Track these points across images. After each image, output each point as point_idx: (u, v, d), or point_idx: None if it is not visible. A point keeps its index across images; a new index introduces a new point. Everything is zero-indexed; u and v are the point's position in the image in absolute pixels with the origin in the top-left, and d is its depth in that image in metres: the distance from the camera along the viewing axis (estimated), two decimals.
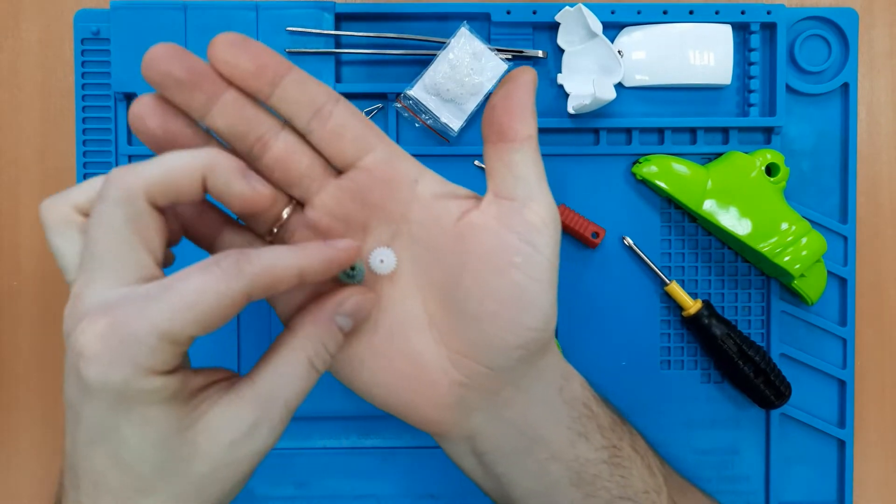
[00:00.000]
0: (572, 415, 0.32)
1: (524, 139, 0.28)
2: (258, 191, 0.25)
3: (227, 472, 0.25)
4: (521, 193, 0.28)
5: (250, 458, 0.26)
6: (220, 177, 0.25)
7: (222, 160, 0.25)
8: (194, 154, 0.25)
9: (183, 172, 0.24)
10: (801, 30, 0.49)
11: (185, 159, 0.25)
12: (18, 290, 0.50)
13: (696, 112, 0.49)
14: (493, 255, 0.28)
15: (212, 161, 0.25)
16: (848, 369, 0.50)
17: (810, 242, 0.46)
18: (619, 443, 0.33)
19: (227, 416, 0.25)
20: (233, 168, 0.25)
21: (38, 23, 0.50)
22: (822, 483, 0.50)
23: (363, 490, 0.49)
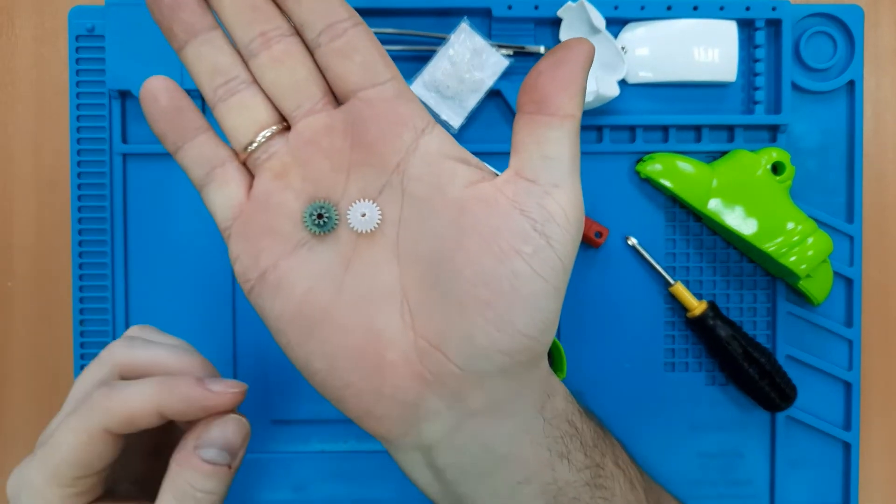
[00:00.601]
0: (553, 434, 0.27)
1: (566, 116, 0.24)
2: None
3: None
4: (548, 177, 0.24)
5: None
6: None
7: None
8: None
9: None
10: (806, 26, 0.49)
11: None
12: (12, 290, 0.50)
13: (700, 109, 0.49)
14: (498, 238, 0.24)
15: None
16: (854, 371, 0.49)
17: (816, 242, 0.45)
18: (602, 460, 0.29)
19: None
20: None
21: (32, 19, 0.50)
22: (828, 486, 0.50)
23: (361, 494, 0.49)
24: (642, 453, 0.49)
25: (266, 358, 0.48)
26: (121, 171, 0.48)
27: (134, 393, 0.25)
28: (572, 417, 0.28)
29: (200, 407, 0.26)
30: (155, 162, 0.48)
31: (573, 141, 0.24)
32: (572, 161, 0.24)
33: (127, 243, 0.48)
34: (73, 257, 0.48)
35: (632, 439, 0.49)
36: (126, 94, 0.48)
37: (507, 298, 0.24)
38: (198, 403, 0.26)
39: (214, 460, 0.26)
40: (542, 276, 0.24)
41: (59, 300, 0.49)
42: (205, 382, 0.26)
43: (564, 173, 0.24)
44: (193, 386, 0.26)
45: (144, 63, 0.46)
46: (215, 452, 0.26)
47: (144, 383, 0.26)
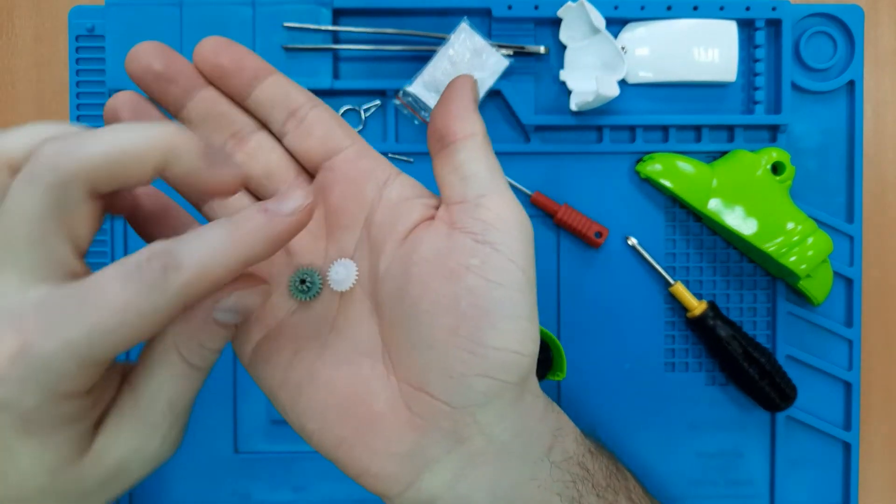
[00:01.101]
0: (563, 479, 0.26)
1: (466, 137, 0.25)
2: (222, 178, 0.22)
3: (117, 483, 0.23)
4: (472, 192, 0.24)
5: (143, 467, 0.23)
6: (184, 163, 0.21)
7: (184, 142, 0.21)
8: (151, 132, 0.21)
9: (136, 157, 0.20)
10: (806, 26, 0.49)
11: (140, 140, 0.20)
12: None
13: (700, 109, 0.49)
14: (444, 259, 0.24)
15: (173, 143, 0.21)
16: (854, 371, 0.49)
17: (816, 242, 0.45)
18: (616, 498, 0.28)
19: (113, 442, 0.22)
20: (196, 151, 0.21)
21: (32, 19, 0.50)
22: (828, 486, 0.50)
23: (361, 494, 0.48)
24: (642, 453, 0.49)
25: None
26: None
27: (205, 248, 0.20)
28: (583, 459, 0.27)
29: (280, 238, 0.21)
30: None
31: (484, 154, 0.25)
32: (490, 171, 0.25)
33: (127, 243, 0.48)
34: None
35: (631, 439, 0.49)
36: None
37: (470, 318, 0.23)
38: (276, 234, 0.21)
39: (225, 321, 0.23)
40: (498, 283, 0.23)
41: None
42: (269, 209, 0.21)
43: (486, 184, 0.25)
44: (262, 218, 0.21)
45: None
46: (226, 314, 0.23)
47: (213, 232, 0.21)
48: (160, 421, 0.23)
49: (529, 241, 0.25)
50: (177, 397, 0.23)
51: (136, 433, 0.23)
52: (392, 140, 0.48)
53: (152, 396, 0.23)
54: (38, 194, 0.20)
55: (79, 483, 0.22)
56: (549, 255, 0.49)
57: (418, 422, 0.24)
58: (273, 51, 0.47)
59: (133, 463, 0.23)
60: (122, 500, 0.48)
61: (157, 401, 0.23)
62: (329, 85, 0.47)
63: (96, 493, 0.23)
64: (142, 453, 0.23)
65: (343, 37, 0.48)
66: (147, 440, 0.23)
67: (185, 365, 0.23)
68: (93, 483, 0.22)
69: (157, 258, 0.20)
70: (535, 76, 0.49)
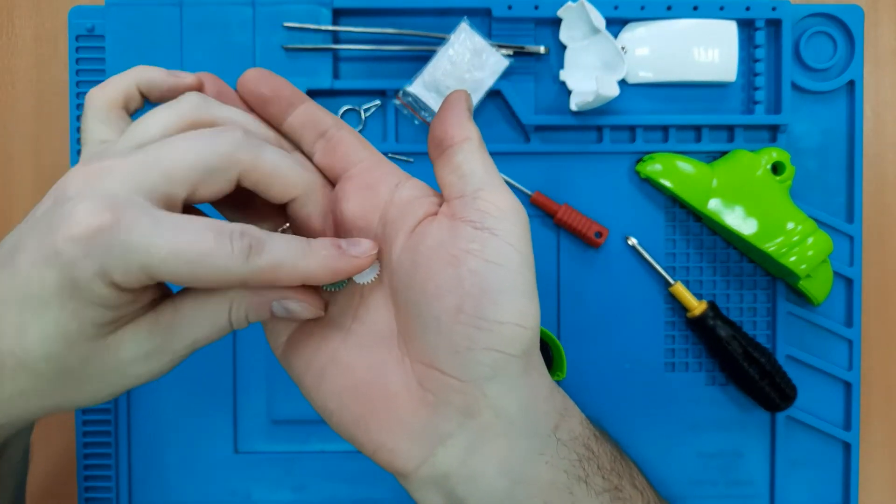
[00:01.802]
0: (570, 457, 0.28)
1: (463, 139, 0.28)
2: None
3: (112, 383, 0.25)
4: (470, 187, 0.27)
5: (141, 377, 0.26)
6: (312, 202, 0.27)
7: (319, 187, 0.27)
8: (310, 177, 0.27)
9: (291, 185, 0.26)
10: (806, 27, 0.49)
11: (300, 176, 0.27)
12: None
13: (700, 109, 0.49)
14: (446, 247, 0.26)
15: (314, 186, 0.28)
16: (854, 371, 0.49)
17: (816, 242, 0.45)
18: (620, 482, 0.30)
19: (131, 341, 0.25)
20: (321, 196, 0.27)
21: (32, 19, 0.50)
22: (828, 486, 0.50)
23: (361, 494, 0.49)
24: (642, 453, 0.49)
25: (266, 358, 0.48)
26: None
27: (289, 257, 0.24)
28: (588, 441, 0.29)
29: (340, 272, 0.25)
30: None
31: (479, 154, 0.28)
32: (486, 169, 0.28)
33: None
34: None
35: (632, 439, 0.49)
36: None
37: (473, 296, 0.25)
38: (351, 271, 0.26)
39: (275, 311, 0.26)
40: (497, 263, 0.26)
41: None
42: (342, 247, 0.26)
43: (483, 179, 0.27)
44: (334, 252, 0.25)
45: (144, 63, 0.46)
46: (281, 308, 0.26)
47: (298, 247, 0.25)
48: (178, 347, 0.26)
49: (525, 226, 0.27)
50: (202, 337, 0.26)
51: (153, 346, 0.25)
52: (392, 140, 0.48)
53: (187, 327, 0.25)
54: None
55: (84, 363, 0.24)
56: (549, 255, 0.49)
57: (430, 398, 0.26)
58: (273, 51, 0.47)
59: (137, 369, 0.25)
60: (122, 499, 0.48)
61: (186, 333, 0.25)
62: (329, 85, 0.47)
63: (93, 381, 0.25)
64: (148, 363, 0.25)
65: (343, 37, 0.48)
66: (158, 355, 0.25)
67: (227, 317, 0.26)
68: (95, 370, 0.25)
69: (249, 237, 0.23)
70: (535, 76, 0.49)
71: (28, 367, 0.24)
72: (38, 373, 0.24)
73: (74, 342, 0.23)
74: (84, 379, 0.25)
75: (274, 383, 0.48)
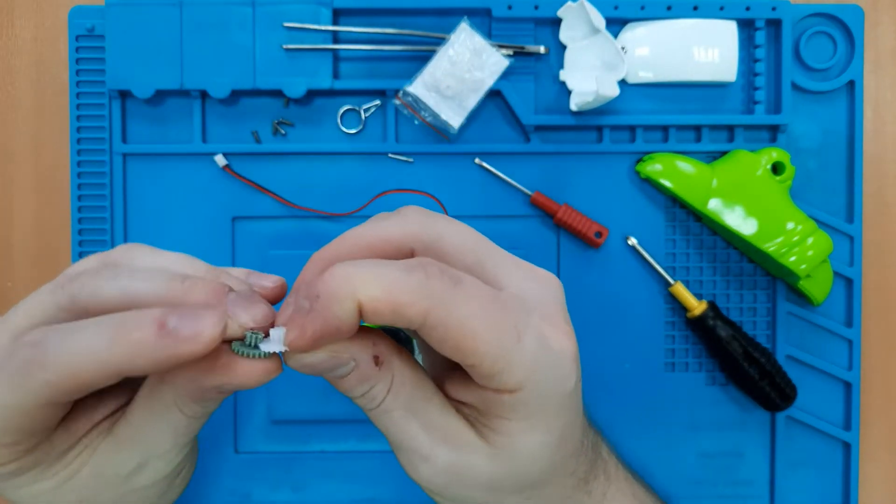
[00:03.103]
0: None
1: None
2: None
3: (134, 499, 0.25)
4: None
5: (153, 484, 0.25)
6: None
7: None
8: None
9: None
10: (806, 26, 0.49)
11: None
12: (12, 291, 0.50)
13: (700, 109, 0.49)
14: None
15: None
16: (854, 371, 0.49)
17: (816, 242, 0.45)
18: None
19: (110, 462, 0.24)
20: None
21: (32, 19, 0.50)
22: (828, 486, 0.50)
23: (361, 494, 0.49)
24: (642, 453, 0.49)
25: None
26: (121, 171, 0.48)
27: (81, 351, 0.19)
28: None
29: (169, 362, 0.19)
30: (155, 162, 0.48)
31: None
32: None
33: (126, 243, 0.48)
34: (73, 257, 0.48)
35: (632, 439, 0.49)
36: (126, 94, 0.47)
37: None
38: (164, 358, 0.19)
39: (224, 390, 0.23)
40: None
41: None
42: (166, 326, 0.19)
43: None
44: (152, 335, 0.19)
45: (144, 63, 0.46)
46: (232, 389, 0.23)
47: (91, 333, 0.19)
48: (160, 449, 0.24)
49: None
50: (179, 433, 0.24)
51: (132, 460, 0.24)
52: (392, 140, 0.48)
53: (151, 432, 0.23)
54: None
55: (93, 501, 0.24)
56: (549, 255, 0.49)
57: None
58: (273, 51, 0.47)
59: (138, 481, 0.24)
60: None
61: (156, 436, 0.24)
62: (329, 85, 0.47)
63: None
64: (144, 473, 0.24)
65: (343, 37, 0.48)
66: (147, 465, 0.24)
67: (178, 413, 0.23)
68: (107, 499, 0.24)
69: (27, 348, 0.19)
70: (535, 76, 0.48)
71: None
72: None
73: (55, 495, 0.23)
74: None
75: (274, 383, 0.48)
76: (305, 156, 0.48)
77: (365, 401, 0.24)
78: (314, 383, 0.48)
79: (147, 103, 0.48)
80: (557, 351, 0.23)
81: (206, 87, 0.46)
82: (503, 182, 0.48)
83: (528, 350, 0.22)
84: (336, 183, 0.48)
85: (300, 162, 0.48)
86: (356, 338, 0.22)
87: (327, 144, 0.48)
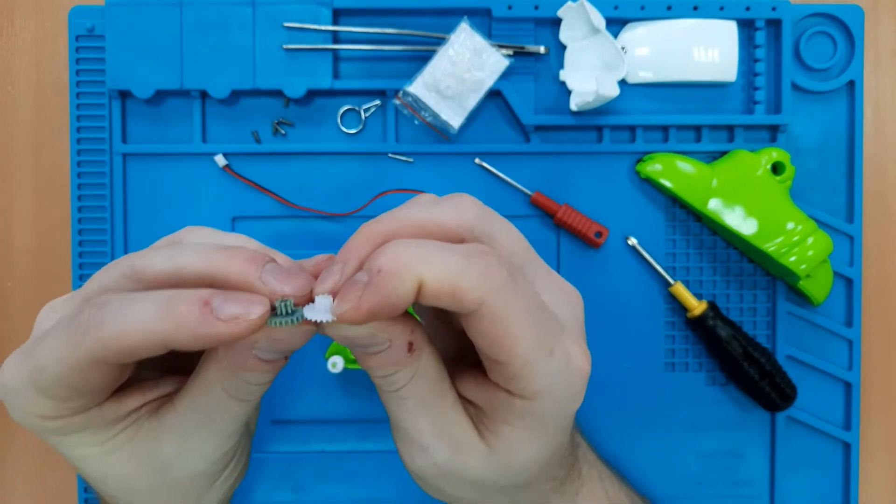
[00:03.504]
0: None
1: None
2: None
3: (173, 493, 0.25)
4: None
5: (189, 479, 0.25)
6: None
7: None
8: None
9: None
10: (806, 26, 0.49)
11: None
12: (12, 291, 0.50)
13: (700, 109, 0.49)
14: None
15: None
16: (854, 371, 0.49)
17: (816, 242, 0.45)
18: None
19: (149, 444, 0.24)
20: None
21: (32, 19, 0.50)
22: (828, 486, 0.50)
23: (361, 494, 0.49)
24: (642, 453, 0.49)
25: None
26: (121, 171, 0.48)
27: (134, 321, 0.20)
28: None
29: (208, 339, 0.20)
30: (154, 161, 0.48)
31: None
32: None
33: (127, 243, 0.48)
34: (73, 257, 0.48)
35: (632, 439, 0.49)
36: (126, 94, 0.47)
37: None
38: (204, 335, 0.20)
39: (273, 358, 0.23)
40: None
41: None
42: (211, 305, 0.20)
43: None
44: (196, 312, 0.20)
45: (144, 63, 0.46)
46: (274, 354, 0.23)
47: (146, 306, 0.20)
48: (197, 443, 0.24)
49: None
50: (219, 425, 0.24)
51: (171, 448, 0.24)
52: (392, 140, 0.48)
53: (193, 420, 0.24)
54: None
55: (133, 482, 0.25)
56: (549, 255, 0.49)
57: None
58: (273, 51, 0.47)
59: (176, 471, 0.25)
60: None
61: (198, 426, 0.24)
62: (329, 85, 0.47)
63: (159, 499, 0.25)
64: (182, 464, 0.25)
65: (343, 36, 0.48)
66: (185, 455, 0.25)
67: (225, 397, 0.24)
68: (143, 485, 0.25)
69: (92, 309, 0.21)
70: (535, 76, 0.48)
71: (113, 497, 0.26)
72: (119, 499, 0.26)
73: (97, 464, 0.24)
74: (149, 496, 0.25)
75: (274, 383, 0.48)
76: (305, 156, 0.48)
77: (384, 382, 0.24)
78: (314, 384, 0.48)
79: (147, 103, 0.48)
80: (576, 370, 0.24)
81: (206, 87, 0.46)
82: (503, 182, 0.48)
83: (555, 364, 0.23)
84: (336, 183, 0.48)
85: (300, 162, 0.48)
86: (398, 320, 0.23)
87: (327, 144, 0.48)
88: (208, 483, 0.26)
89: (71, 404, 0.23)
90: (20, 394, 0.22)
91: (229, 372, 0.23)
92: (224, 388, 0.23)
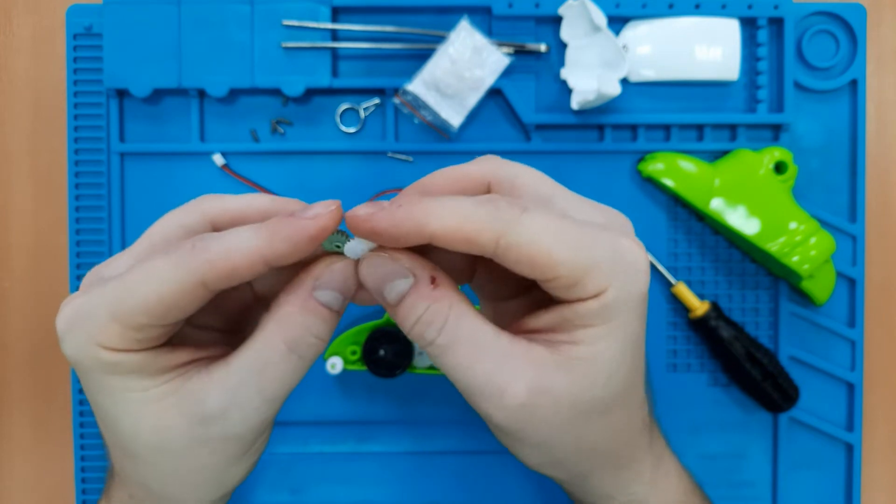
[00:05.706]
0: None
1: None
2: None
3: (204, 454, 0.25)
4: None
5: (224, 441, 0.25)
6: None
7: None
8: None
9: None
10: (808, 25, 0.49)
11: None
12: (10, 290, 0.50)
13: (702, 108, 0.48)
14: None
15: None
16: (856, 371, 0.49)
17: (819, 242, 0.45)
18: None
19: (194, 396, 0.25)
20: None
21: (30, 18, 0.50)
22: (830, 488, 0.49)
23: (360, 496, 0.49)
24: None
25: None
26: (118, 170, 0.48)
27: (236, 242, 0.23)
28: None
29: (307, 238, 0.23)
30: (153, 161, 0.48)
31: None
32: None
33: (124, 242, 0.48)
34: (71, 257, 0.48)
35: None
36: (124, 93, 0.47)
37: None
38: (303, 235, 0.23)
39: (330, 304, 0.25)
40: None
41: (57, 300, 0.49)
42: (296, 214, 0.24)
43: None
44: (291, 222, 0.23)
45: (142, 62, 0.46)
46: (332, 296, 0.25)
47: (244, 231, 0.24)
48: (245, 402, 0.25)
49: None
50: (269, 385, 0.25)
51: (217, 401, 0.25)
52: (392, 139, 0.48)
53: (244, 378, 0.25)
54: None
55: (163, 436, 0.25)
56: None
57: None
58: (271, 49, 0.46)
59: (212, 429, 0.25)
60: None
61: (248, 384, 0.25)
62: (328, 83, 0.47)
63: (188, 459, 0.25)
64: (221, 423, 0.25)
65: (342, 35, 0.48)
66: (227, 413, 0.25)
67: (285, 352, 0.25)
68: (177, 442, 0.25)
69: (195, 241, 0.23)
70: (536, 74, 0.48)
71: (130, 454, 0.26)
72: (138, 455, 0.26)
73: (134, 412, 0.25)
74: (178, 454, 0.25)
75: None
76: (304, 155, 0.48)
77: (424, 328, 0.24)
78: (313, 385, 0.48)
79: (145, 102, 0.48)
80: (631, 257, 0.25)
81: (204, 86, 0.46)
82: None
83: (604, 255, 0.24)
84: (335, 182, 0.48)
85: (299, 161, 0.48)
86: (416, 255, 0.25)
87: (326, 143, 0.48)
88: (239, 452, 0.26)
89: (140, 335, 0.24)
90: (91, 318, 0.23)
91: (292, 318, 0.25)
92: (284, 338, 0.25)
